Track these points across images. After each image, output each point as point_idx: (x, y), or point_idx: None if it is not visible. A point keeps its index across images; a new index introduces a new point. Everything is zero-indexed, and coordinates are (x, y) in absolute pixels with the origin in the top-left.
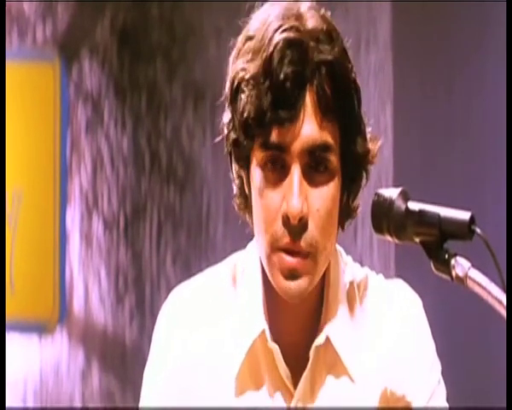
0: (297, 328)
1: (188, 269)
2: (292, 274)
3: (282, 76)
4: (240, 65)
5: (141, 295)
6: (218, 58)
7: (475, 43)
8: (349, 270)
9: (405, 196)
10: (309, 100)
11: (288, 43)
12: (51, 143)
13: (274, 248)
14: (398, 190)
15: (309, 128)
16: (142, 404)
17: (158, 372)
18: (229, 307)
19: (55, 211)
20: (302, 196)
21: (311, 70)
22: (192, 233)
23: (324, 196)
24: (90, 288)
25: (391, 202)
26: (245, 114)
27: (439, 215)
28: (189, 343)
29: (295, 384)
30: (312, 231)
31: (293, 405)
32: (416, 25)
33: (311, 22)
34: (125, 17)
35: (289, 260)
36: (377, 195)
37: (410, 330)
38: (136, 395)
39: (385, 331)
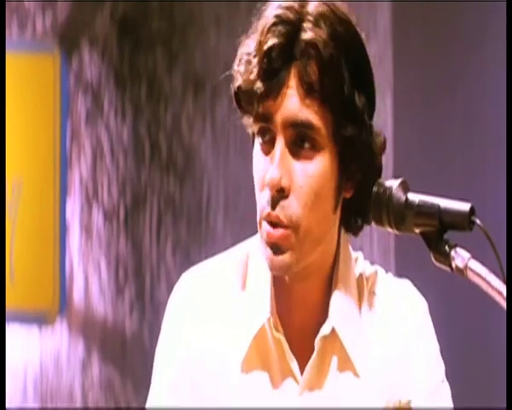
0: (305, 317)
1: (188, 260)
2: (275, 248)
3: (267, 46)
4: (244, 42)
5: (141, 285)
6: (219, 47)
7: (476, 35)
8: (359, 264)
9: (405, 187)
10: (293, 77)
11: (280, 19)
12: (51, 133)
13: (261, 218)
14: (398, 181)
15: (290, 103)
16: (151, 394)
17: (168, 364)
18: (239, 296)
19: (55, 201)
20: (283, 167)
21: (298, 48)
22: (192, 224)
23: (309, 172)
24: (90, 279)
25: (390, 193)
26: (236, 86)
27: (438, 206)
28: (198, 333)
29: (303, 372)
30: (293, 205)
31: (299, 392)
32: (417, 17)
33: (312, 5)
34: (125, 7)
35: (271, 231)
36: (377, 186)
37: (416, 330)
38: (136, 386)
39: (391, 328)
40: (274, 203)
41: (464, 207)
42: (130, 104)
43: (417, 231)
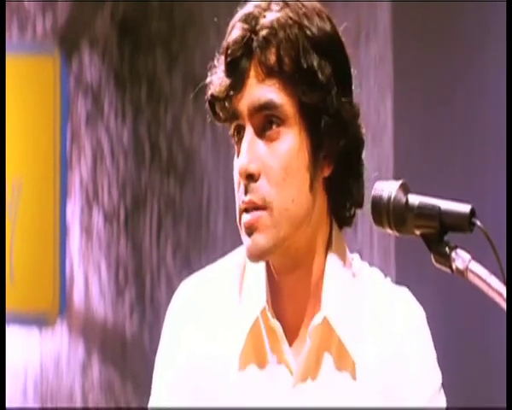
0: (299, 309)
1: (188, 261)
2: (249, 231)
3: (228, 40)
4: (217, 56)
5: (141, 287)
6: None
7: (477, 35)
8: (356, 264)
9: (405, 189)
10: (254, 65)
11: (244, 17)
12: (51, 135)
13: (240, 210)
14: (399, 182)
15: (252, 90)
16: (152, 401)
17: (168, 370)
18: (237, 298)
19: (55, 203)
20: (251, 153)
21: (258, 37)
22: (192, 225)
23: (277, 151)
24: (90, 280)
25: (391, 195)
26: (209, 95)
27: (439, 208)
28: (197, 339)
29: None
30: (265, 186)
31: (293, 383)
32: (417, 17)
33: None
34: (125, 8)
35: (246, 217)
36: (377, 188)
37: (411, 332)
38: (136, 387)
39: (385, 329)
40: (246, 190)
41: (465, 208)
42: (130, 106)
43: (418, 232)
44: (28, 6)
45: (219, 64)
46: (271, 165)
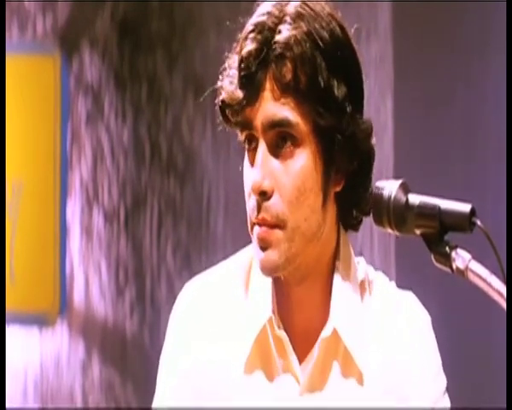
0: (306, 320)
1: (188, 261)
2: (263, 245)
3: (242, 53)
4: (229, 57)
5: (141, 287)
6: (219, 49)
7: (477, 34)
8: (361, 268)
9: (406, 189)
10: (269, 80)
11: (257, 26)
12: (51, 135)
13: (251, 222)
14: (399, 182)
15: (267, 106)
16: (156, 401)
17: (172, 374)
18: (242, 302)
19: (56, 203)
20: (265, 169)
21: (274, 52)
22: (192, 225)
23: (291, 169)
24: (90, 280)
25: (391, 195)
26: (220, 100)
27: (439, 207)
28: (202, 344)
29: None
30: (278, 204)
31: (300, 392)
32: (417, 15)
33: (292, 7)
34: (125, 8)
35: (259, 230)
36: (377, 187)
37: (416, 337)
38: (137, 387)
39: (391, 334)
40: (259, 207)
41: (465, 208)
42: (130, 106)
43: (418, 232)
44: (28, 6)
45: (231, 68)
46: (285, 183)
